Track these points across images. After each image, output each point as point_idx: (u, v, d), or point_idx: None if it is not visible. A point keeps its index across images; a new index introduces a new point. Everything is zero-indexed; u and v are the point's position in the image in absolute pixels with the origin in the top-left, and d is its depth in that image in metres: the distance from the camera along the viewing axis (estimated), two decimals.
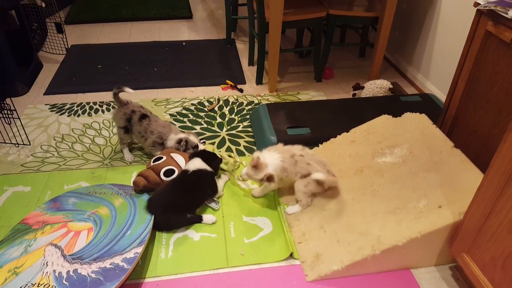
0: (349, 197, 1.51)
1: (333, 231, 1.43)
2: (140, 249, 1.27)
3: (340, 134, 1.83)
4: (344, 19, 2.51)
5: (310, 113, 2.08)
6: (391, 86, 2.32)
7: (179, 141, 1.80)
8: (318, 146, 1.82)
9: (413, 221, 1.32)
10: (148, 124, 1.83)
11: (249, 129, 2.16)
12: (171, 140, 1.82)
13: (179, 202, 1.53)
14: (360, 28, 3.19)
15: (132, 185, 1.64)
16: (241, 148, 2.02)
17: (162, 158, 1.70)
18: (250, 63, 2.89)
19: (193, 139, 1.84)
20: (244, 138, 2.09)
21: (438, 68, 2.41)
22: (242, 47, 3.15)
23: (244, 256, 1.42)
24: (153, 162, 1.69)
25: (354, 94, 2.40)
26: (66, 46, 2.93)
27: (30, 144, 1.96)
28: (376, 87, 2.31)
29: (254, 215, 1.60)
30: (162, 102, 2.38)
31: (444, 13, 2.30)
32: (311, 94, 2.51)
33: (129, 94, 1.91)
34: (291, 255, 1.42)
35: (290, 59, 2.96)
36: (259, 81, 2.62)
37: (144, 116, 1.84)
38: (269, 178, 1.47)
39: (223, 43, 3.20)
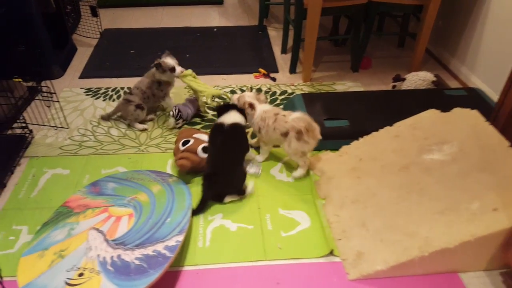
0: (393, 195, 1.45)
1: (376, 230, 1.37)
2: (181, 237, 1.26)
3: (381, 127, 1.75)
4: (386, 7, 2.39)
5: (348, 104, 2.01)
6: (434, 79, 2.21)
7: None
8: (358, 140, 1.75)
9: (465, 224, 1.25)
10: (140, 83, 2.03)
11: None
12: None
13: (231, 155, 1.59)
14: (399, 17, 3.05)
15: (178, 167, 1.63)
16: None
17: (189, 141, 1.70)
18: (283, 51, 2.82)
19: (170, 61, 1.95)
20: None
21: (486, 61, 2.27)
22: (274, 34, 3.07)
23: (282, 249, 1.39)
24: (183, 145, 1.68)
25: (394, 86, 2.30)
26: (100, 30, 2.93)
27: (68, 128, 1.98)
28: (418, 79, 2.20)
29: (291, 208, 1.56)
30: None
31: (496, 1, 2.16)
32: (347, 85, 2.43)
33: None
34: (331, 253, 1.38)
35: (324, 47, 2.87)
36: (292, 70, 2.56)
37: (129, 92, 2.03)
38: (251, 106, 1.68)
39: (254, 29, 3.13)
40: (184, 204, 1.44)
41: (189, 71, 2.01)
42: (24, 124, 1.88)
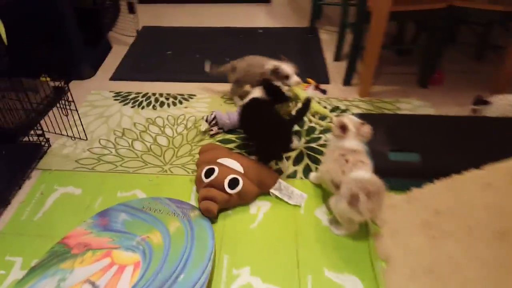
0: (484, 272, 1.06)
1: None
2: None
3: (464, 168, 1.35)
4: (468, 13, 1.94)
5: (419, 132, 1.61)
6: None
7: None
8: (433, 182, 1.36)
9: None
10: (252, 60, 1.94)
11: None
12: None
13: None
14: (479, 25, 2.57)
15: (203, 212, 1.34)
16: None
17: (214, 170, 1.41)
18: (337, 58, 2.45)
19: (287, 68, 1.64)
20: None
21: None
22: (326, 38, 2.71)
23: None
24: (205, 177, 1.40)
25: (474, 110, 1.86)
26: (137, 28, 2.73)
27: (86, 139, 1.77)
28: (508, 104, 1.75)
29: (340, 270, 1.21)
30: (233, 99, 2.06)
31: None
32: (414, 104, 2.02)
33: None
34: None
35: (384, 56, 2.45)
36: (347, 81, 2.19)
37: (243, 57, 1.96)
38: (343, 128, 1.32)
39: (304, 32, 2.79)
40: (204, 253, 1.15)
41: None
42: (40, 132, 1.68)
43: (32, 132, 1.71)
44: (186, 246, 1.18)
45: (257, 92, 1.60)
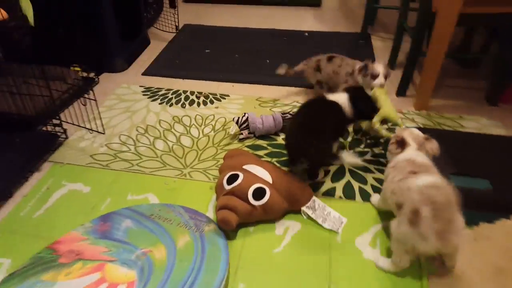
0: None
1: None
2: None
3: None
4: None
5: (488, 155, 1.32)
6: None
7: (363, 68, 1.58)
8: (509, 218, 1.06)
9: None
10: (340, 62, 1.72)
11: (383, 159, 1.49)
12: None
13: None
14: None
15: (219, 223, 1.13)
16: (368, 187, 1.36)
17: (238, 176, 1.20)
18: (390, 66, 2.17)
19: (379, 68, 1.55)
20: (374, 173, 1.43)
21: None
22: (379, 45, 2.44)
23: None
24: (228, 183, 1.19)
25: None
26: (177, 24, 2.63)
27: (104, 133, 1.63)
28: None
29: None
30: (268, 103, 1.86)
31: None
32: (481, 122, 1.70)
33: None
34: None
35: (446, 66, 2.14)
36: (401, 92, 1.91)
37: (331, 58, 1.75)
38: (401, 143, 1.13)
39: (355, 37, 2.55)
40: (214, 279, 0.93)
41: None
42: (58, 121, 1.57)
43: (50, 121, 1.60)
44: (194, 265, 0.97)
45: (341, 98, 1.37)
